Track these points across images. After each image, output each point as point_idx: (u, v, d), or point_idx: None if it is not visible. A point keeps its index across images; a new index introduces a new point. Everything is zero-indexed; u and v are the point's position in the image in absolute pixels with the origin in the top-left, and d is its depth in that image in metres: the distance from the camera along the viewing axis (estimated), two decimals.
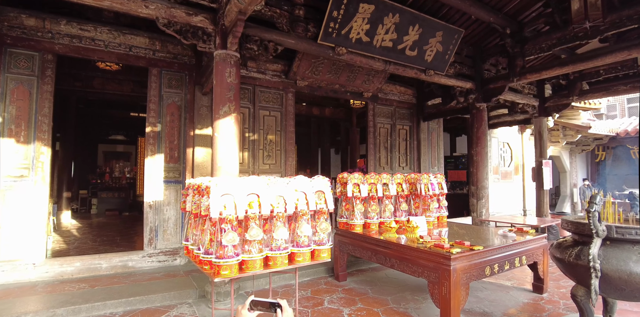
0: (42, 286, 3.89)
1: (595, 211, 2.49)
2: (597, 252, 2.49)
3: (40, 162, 4.12)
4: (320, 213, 3.11)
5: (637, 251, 2.42)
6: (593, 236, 2.53)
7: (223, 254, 2.54)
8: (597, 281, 2.48)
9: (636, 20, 4.08)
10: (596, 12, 3.77)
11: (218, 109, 3.69)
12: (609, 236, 2.55)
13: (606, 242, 2.60)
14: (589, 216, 2.50)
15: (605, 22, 4.13)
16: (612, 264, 2.45)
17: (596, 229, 2.50)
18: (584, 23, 3.94)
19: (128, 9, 3.42)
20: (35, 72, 4.16)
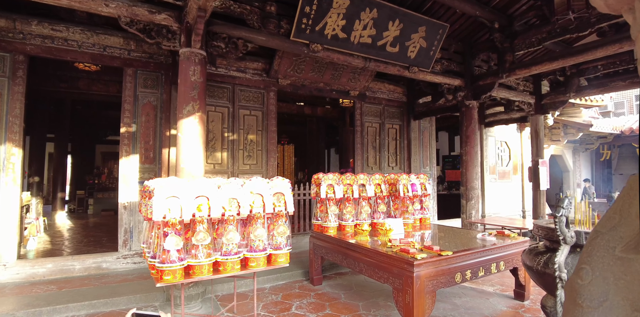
0: (11, 287, 3.88)
1: (562, 216, 2.31)
2: (563, 260, 2.32)
3: (11, 164, 4.11)
4: (278, 216, 3.00)
5: None
6: (560, 242, 2.35)
7: (166, 259, 2.45)
8: (563, 292, 2.31)
9: None
10: (579, 2, 3.56)
11: (182, 108, 3.61)
12: (578, 242, 2.38)
13: (576, 250, 2.43)
14: (555, 222, 2.33)
15: (590, 13, 3.90)
16: None
17: (563, 235, 2.32)
18: (568, 14, 3.73)
19: (87, 7, 3.36)
20: (7, 73, 4.15)
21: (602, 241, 0.48)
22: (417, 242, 3.42)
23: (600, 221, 0.49)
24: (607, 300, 0.43)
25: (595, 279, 0.45)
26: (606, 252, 0.46)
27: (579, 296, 0.47)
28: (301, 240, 5.81)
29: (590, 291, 0.45)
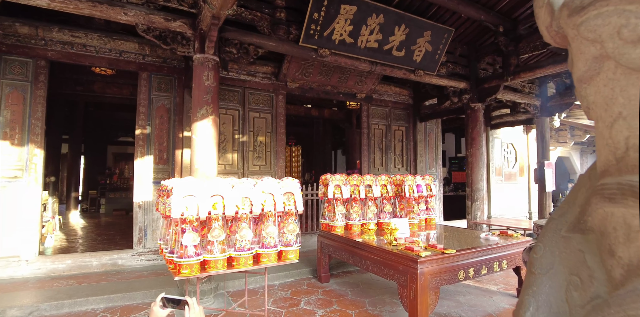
0: (33, 282, 4.07)
1: None
2: None
3: (34, 164, 4.31)
4: (288, 215, 3.14)
5: None
6: None
7: (184, 254, 2.60)
8: None
9: None
10: None
11: (196, 111, 3.77)
12: None
13: None
14: None
15: None
16: None
17: None
18: None
19: (107, 16, 3.54)
20: (29, 77, 4.36)
21: (553, 224, 0.61)
22: (421, 241, 3.53)
23: (555, 210, 0.62)
24: (553, 268, 0.56)
25: (546, 253, 0.58)
26: (555, 233, 0.59)
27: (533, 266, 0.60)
28: (309, 239, 5.94)
29: (541, 262, 0.58)
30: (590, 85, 0.50)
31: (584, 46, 0.49)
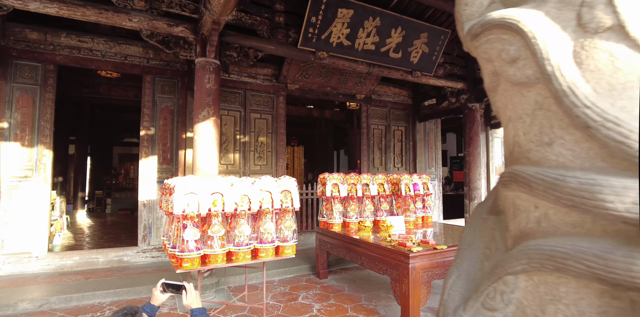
0: (43, 277, 4.25)
1: None
2: None
3: (43, 164, 4.49)
4: (285, 211, 3.27)
5: None
6: None
7: (185, 248, 2.74)
8: None
9: None
10: None
11: (198, 113, 3.92)
12: None
13: None
14: None
15: None
16: None
17: None
18: None
19: (113, 22, 3.70)
20: (38, 81, 4.54)
21: (478, 208, 0.74)
22: (415, 238, 3.65)
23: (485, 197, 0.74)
24: (474, 244, 0.68)
25: (469, 232, 0.71)
26: (478, 215, 0.71)
27: (460, 243, 0.73)
28: (309, 237, 6.07)
29: (466, 239, 0.71)
30: (496, 94, 0.63)
31: (484, 64, 0.61)
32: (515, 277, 0.55)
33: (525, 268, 0.52)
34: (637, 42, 0.45)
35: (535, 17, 0.49)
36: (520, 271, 0.53)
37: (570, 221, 0.49)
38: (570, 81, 0.47)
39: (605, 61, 0.46)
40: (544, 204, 0.51)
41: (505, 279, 0.56)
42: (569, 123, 0.48)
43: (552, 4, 0.49)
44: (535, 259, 0.50)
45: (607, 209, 0.43)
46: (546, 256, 0.49)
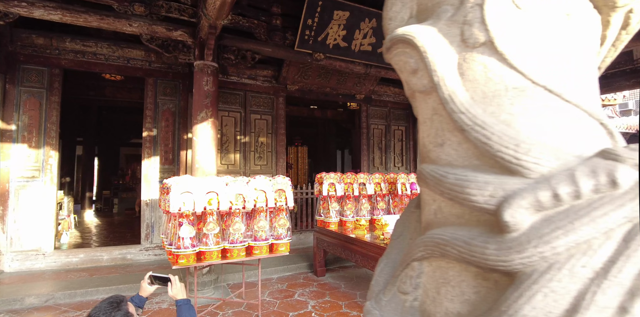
0: (49, 273, 4.40)
1: None
2: None
3: (49, 165, 4.65)
4: (280, 210, 3.36)
5: None
6: None
7: (181, 245, 2.84)
8: None
9: None
10: None
11: (196, 114, 4.03)
12: None
13: None
14: None
15: None
16: None
17: None
18: None
19: (114, 27, 3.84)
20: (45, 85, 4.70)
21: (410, 204, 0.81)
22: None
23: None
24: (402, 235, 0.76)
25: (399, 224, 0.78)
26: (408, 209, 0.79)
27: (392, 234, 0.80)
28: (308, 236, 6.15)
29: (396, 230, 0.78)
30: (414, 101, 0.70)
31: (399, 74, 0.69)
32: (420, 264, 0.62)
33: (424, 255, 0.59)
34: (504, 56, 0.51)
35: (429, 33, 0.56)
36: (420, 257, 0.60)
37: (455, 213, 0.55)
38: (451, 90, 0.53)
39: (480, 72, 0.53)
40: (438, 198, 0.58)
41: (412, 265, 0.63)
42: (453, 127, 0.55)
43: (443, 21, 0.56)
44: (429, 247, 0.57)
45: (472, 201, 0.50)
46: (434, 243, 0.56)
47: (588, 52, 0.58)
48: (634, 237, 0.43)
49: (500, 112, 0.51)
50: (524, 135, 0.49)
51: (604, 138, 0.54)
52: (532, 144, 0.48)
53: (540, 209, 0.47)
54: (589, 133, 0.53)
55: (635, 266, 0.42)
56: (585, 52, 0.57)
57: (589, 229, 0.44)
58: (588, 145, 0.52)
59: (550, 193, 0.46)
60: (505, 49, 0.51)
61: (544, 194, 0.46)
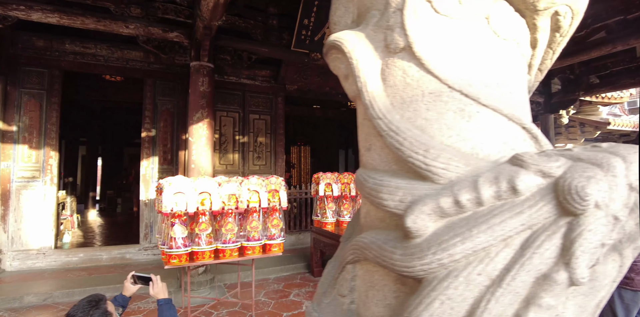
0: (50, 272, 4.46)
1: None
2: None
3: (49, 165, 4.71)
4: (273, 210, 3.36)
5: None
6: None
7: (173, 245, 2.86)
8: None
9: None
10: None
11: (192, 115, 4.05)
12: None
13: None
14: None
15: None
16: None
17: None
18: None
19: (111, 29, 3.87)
20: (45, 86, 4.76)
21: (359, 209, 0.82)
22: None
23: None
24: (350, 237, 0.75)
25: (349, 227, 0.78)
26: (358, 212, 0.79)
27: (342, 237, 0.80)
28: (308, 236, 6.14)
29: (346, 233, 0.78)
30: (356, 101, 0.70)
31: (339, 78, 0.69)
32: (353, 266, 0.61)
33: (354, 258, 0.59)
34: (421, 60, 0.50)
35: (355, 39, 0.56)
36: (352, 260, 0.60)
37: (379, 216, 0.55)
38: (371, 96, 0.53)
39: (400, 78, 0.52)
40: (366, 201, 0.58)
41: (347, 268, 0.63)
42: (377, 132, 0.54)
43: (370, 26, 0.55)
44: (356, 250, 0.57)
45: (384, 206, 0.49)
46: (358, 246, 0.55)
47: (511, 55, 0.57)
48: (530, 245, 0.42)
49: (417, 117, 0.50)
50: (437, 141, 0.49)
51: (527, 142, 0.53)
52: (442, 150, 0.47)
53: (444, 215, 0.46)
54: (510, 137, 0.52)
55: (528, 273, 0.41)
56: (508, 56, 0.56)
57: (486, 236, 0.43)
58: (508, 150, 0.50)
59: (452, 199, 0.45)
60: (422, 54, 0.50)
61: (446, 200, 0.45)
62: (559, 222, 0.42)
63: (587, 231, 0.41)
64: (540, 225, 0.42)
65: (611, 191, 0.42)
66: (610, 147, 0.50)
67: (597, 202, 0.42)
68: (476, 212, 0.45)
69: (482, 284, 0.42)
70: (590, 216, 0.42)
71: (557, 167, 0.45)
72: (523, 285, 0.41)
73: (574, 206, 0.42)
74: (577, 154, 0.48)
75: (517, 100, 0.57)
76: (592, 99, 8.84)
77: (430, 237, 0.45)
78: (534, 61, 0.64)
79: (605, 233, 0.41)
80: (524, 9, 0.56)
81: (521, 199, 0.44)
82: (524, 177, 0.43)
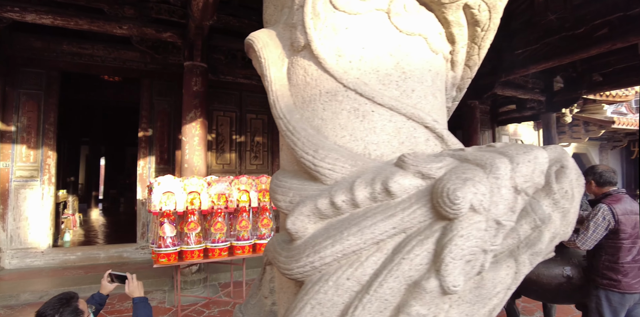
0: (47, 271, 4.52)
1: None
2: None
3: (47, 165, 4.77)
4: (263, 210, 3.36)
5: None
6: None
7: (162, 244, 2.88)
8: None
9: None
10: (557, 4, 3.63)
11: (185, 114, 4.07)
12: None
13: None
14: None
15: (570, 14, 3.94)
16: None
17: None
18: (547, 15, 3.80)
19: (104, 30, 3.90)
20: (43, 87, 4.82)
21: None
22: None
23: None
24: None
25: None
26: None
27: None
28: None
29: None
30: None
31: None
32: (271, 268, 0.61)
33: (267, 259, 0.58)
34: (319, 59, 0.49)
35: (267, 37, 0.55)
36: (267, 262, 0.59)
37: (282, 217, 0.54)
38: (275, 95, 0.52)
39: (301, 77, 0.51)
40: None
41: (266, 269, 0.62)
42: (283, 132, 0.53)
43: (281, 24, 0.54)
44: (265, 251, 0.56)
45: (278, 206, 0.48)
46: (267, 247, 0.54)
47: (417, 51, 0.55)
48: (401, 250, 0.40)
49: (314, 117, 0.49)
50: (330, 141, 0.47)
51: (430, 142, 0.51)
52: (331, 150, 0.46)
53: (323, 217, 0.45)
54: (408, 137, 0.51)
55: (397, 280, 0.39)
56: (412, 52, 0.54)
57: (356, 239, 0.41)
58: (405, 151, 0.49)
59: (328, 200, 0.44)
60: (320, 52, 0.49)
61: (323, 201, 0.44)
62: (433, 226, 0.40)
63: (459, 237, 0.39)
64: (415, 229, 0.41)
65: (492, 194, 0.40)
66: (502, 147, 0.48)
67: (474, 206, 0.40)
68: (353, 214, 0.44)
69: (352, 290, 0.41)
70: (464, 220, 0.40)
71: (437, 169, 0.43)
72: (392, 292, 0.39)
73: (445, 210, 0.40)
74: (466, 155, 0.46)
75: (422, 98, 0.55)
76: (596, 98, 8.69)
77: (309, 239, 0.44)
78: (457, 57, 0.62)
79: (484, 238, 0.39)
80: (429, 2, 0.54)
81: (397, 201, 0.42)
82: (399, 179, 0.42)
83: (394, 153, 0.49)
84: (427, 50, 0.57)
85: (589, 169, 2.23)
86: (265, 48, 0.53)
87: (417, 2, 0.54)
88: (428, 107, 0.54)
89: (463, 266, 0.38)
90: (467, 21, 0.59)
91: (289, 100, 0.51)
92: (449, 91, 0.72)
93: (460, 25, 0.59)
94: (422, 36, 0.55)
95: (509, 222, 0.41)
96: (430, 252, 0.40)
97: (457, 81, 0.65)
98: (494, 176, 0.41)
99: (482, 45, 0.66)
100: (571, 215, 0.45)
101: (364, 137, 0.49)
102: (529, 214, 0.43)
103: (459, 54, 0.63)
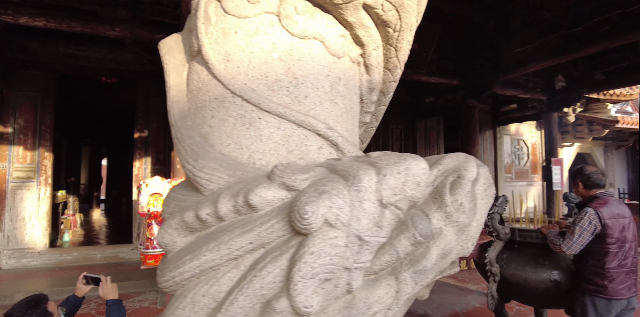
0: (43, 271, 4.56)
1: (494, 213, 2.45)
2: (494, 255, 2.45)
3: (44, 166, 4.82)
4: None
5: (533, 255, 2.34)
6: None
7: (149, 246, 2.88)
8: (494, 286, 2.44)
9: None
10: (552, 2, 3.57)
11: None
12: (513, 239, 2.49)
13: (514, 246, 2.53)
14: (488, 218, 2.46)
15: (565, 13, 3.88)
16: (511, 268, 2.40)
17: (496, 231, 2.46)
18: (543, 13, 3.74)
19: (98, 32, 3.91)
20: (40, 89, 4.86)
21: None
22: None
23: None
24: None
25: None
26: None
27: None
28: None
29: None
30: None
31: None
32: None
33: None
34: (208, 64, 0.47)
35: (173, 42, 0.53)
36: None
37: None
38: (171, 101, 0.50)
39: (195, 82, 0.49)
40: None
41: None
42: None
43: (186, 28, 0.52)
44: None
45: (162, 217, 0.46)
46: None
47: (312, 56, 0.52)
48: (255, 267, 0.38)
49: (203, 124, 0.47)
50: (215, 150, 0.45)
51: (324, 150, 0.49)
52: (211, 159, 0.44)
53: (192, 230, 0.43)
54: (298, 145, 0.48)
55: (248, 299, 0.37)
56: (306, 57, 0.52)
57: (212, 254, 0.39)
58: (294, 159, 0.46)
59: (193, 213, 0.42)
60: (210, 57, 0.47)
61: (189, 214, 0.42)
62: (290, 242, 0.38)
63: (309, 254, 0.36)
64: (273, 244, 0.38)
65: (352, 208, 0.38)
66: (376, 157, 0.46)
67: (329, 221, 0.37)
68: (219, 228, 0.42)
69: (208, 307, 0.39)
70: (318, 236, 0.37)
71: (302, 180, 0.41)
72: (243, 311, 0.37)
73: (297, 225, 0.38)
74: (337, 165, 0.43)
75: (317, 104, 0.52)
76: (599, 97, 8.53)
77: (176, 253, 0.42)
78: (370, 60, 0.59)
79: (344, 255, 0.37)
80: (323, 3, 0.51)
81: (259, 214, 0.40)
82: (260, 191, 0.39)
83: (282, 162, 0.46)
84: (324, 54, 0.54)
85: (577, 171, 2.18)
86: (168, 54, 0.52)
87: (311, 3, 0.51)
88: (324, 114, 0.51)
89: (318, 284, 0.36)
90: (374, 22, 0.56)
91: (184, 106, 0.49)
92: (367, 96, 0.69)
93: (365, 27, 0.56)
94: (318, 39, 0.52)
95: (374, 238, 0.39)
96: (284, 269, 0.37)
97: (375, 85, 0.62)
98: (355, 188, 0.39)
99: (398, 46, 0.62)
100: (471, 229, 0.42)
101: (249, 146, 0.47)
102: (409, 229, 0.40)
103: (372, 56, 0.60)
